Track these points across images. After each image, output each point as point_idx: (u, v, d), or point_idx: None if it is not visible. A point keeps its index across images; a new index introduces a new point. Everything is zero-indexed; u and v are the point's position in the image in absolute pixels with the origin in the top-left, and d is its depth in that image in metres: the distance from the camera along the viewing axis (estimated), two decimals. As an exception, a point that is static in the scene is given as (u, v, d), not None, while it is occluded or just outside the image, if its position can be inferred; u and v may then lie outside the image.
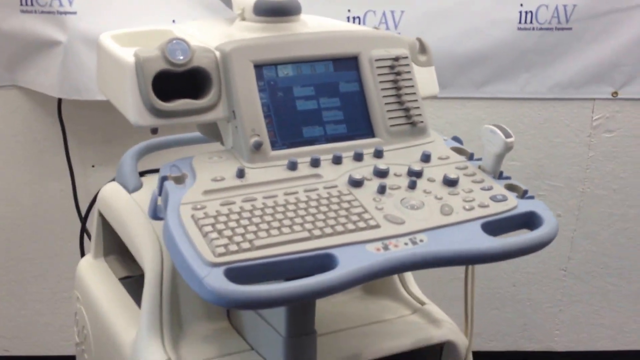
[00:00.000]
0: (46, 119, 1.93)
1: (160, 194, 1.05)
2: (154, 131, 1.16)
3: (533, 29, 2.02)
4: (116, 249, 1.49)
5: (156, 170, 1.43)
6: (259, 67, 1.13)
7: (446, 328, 1.28)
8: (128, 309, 1.31)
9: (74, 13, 1.82)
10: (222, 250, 0.92)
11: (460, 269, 1.26)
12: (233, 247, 0.92)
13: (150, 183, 1.38)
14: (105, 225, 1.46)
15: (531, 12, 2.01)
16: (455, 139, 1.25)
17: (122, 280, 1.42)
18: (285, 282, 0.89)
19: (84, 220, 1.55)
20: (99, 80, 1.28)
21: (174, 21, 1.85)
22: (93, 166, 2.01)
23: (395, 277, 1.37)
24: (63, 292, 2.08)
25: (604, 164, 2.16)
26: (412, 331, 1.27)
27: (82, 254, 1.56)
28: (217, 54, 1.12)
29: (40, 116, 1.93)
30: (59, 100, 1.88)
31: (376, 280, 1.33)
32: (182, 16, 1.86)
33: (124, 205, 1.34)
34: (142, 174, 1.41)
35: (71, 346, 2.09)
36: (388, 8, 1.94)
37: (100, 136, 1.98)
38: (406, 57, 1.23)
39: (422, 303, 1.34)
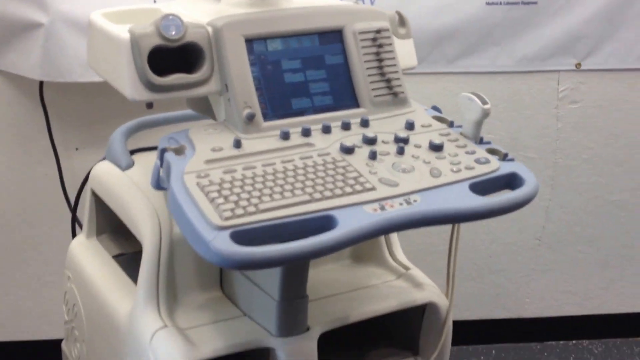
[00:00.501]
0: (28, 103, 1.94)
1: (161, 166, 1.09)
2: (149, 106, 1.19)
3: (500, 3, 2.08)
4: (108, 227, 1.52)
5: (145, 149, 1.48)
6: (249, 41, 1.17)
7: (429, 290, 1.35)
8: (122, 284, 1.35)
9: (56, -6, 1.83)
10: (228, 214, 0.96)
11: (440, 240, 1.33)
12: (239, 211, 0.97)
13: (141, 161, 1.42)
14: (98, 204, 1.49)
15: (498, -13, 2.08)
16: (435, 108, 1.31)
17: (116, 257, 1.45)
18: (290, 242, 0.94)
19: (76, 200, 1.58)
20: (91, 59, 1.31)
21: (154, 1, 1.87)
22: (77, 149, 2.02)
23: (382, 244, 1.42)
24: (47, 276, 2.10)
25: (572, 135, 2.25)
26: (397, 294, 1.33)
27: (74, 235, 1.58)
28: (209, 29, 1.16)
29: (22, 100, 1.94)
30: (41, 83, 1.89)
31: (364, 247, 1.41)
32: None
33: (119, 182, 1.37)
34: (131, 152, 1.44)
35: (55, 330, 2.12)
36: (360, -14, 1.99)
37: (84, 119, 2.00)
38: (387, 30, 1.28)
39: (407, 268, 1.40)
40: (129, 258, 1.45)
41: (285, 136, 1.14)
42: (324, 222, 0.99)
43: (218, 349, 1.16)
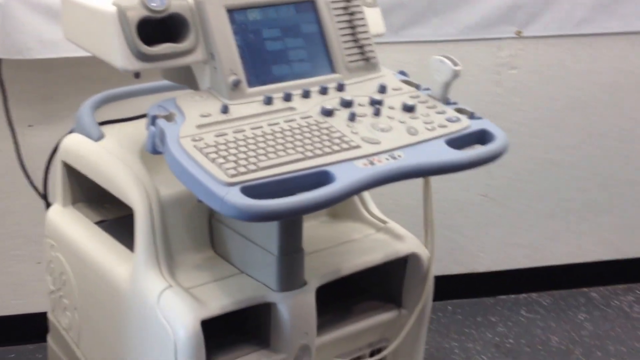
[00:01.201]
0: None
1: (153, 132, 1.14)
2: (137, 75, 1.24)
3: (444, -25, 2.18)
4: (82, 196, 1.56)
5: (111, 121, 1.52)
6: (230, 11, 1.23)
7: (410, 242, 1.43)
8: (113, 247, 1.39)
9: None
10: (233, 172, 1.03)
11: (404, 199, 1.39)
12: (242, 169, 1.03)
13: (110, 132, 1.46)
14: (71, 175, 1.52)
15: (440, -42, 2.17)
16: (402, 72, 1.39)
17: (98, 224, 1.49)
18: (296, 195, 1.01)
19: (45, 171, 1.60)
20: (69, 33, 1.34)
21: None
22: (30, 126, 2.03)
23: (357, 200, 1.50)
24: (13, 250, 2.11)
25: (511, 99, 2.37)
26: (381, 247, 1.41)
27: (47, 205, 1.61)
28: (191, 1, 1.21)
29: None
30: (-1, 61, 1.90)
31: (340, 204, 1.48)
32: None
33: (96, 152, 1.41)
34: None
35: (27, 305, 2.14)
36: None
37: (37, 96, 2.00)
38: (355, -1, 1.35)
39: (384, 222, 1.48)
40: (112, 224, 1.49)
41: (269, 101, 1.20)
42: (322, 177, 1.06)
43: (225, 306, 1.22)
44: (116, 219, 1.51)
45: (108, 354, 1.41)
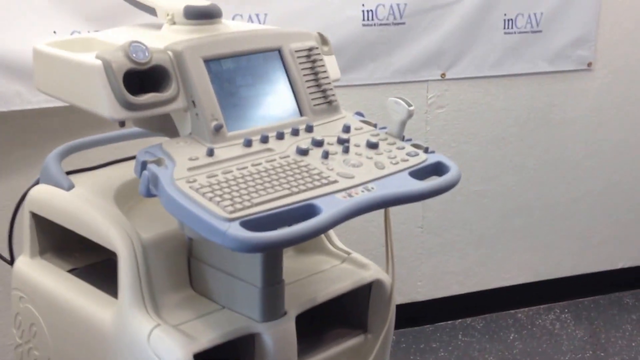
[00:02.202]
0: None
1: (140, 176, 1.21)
2: (122, 124, 1.31)
3: (374, 24, 2.34)
4: (49, 247, 1.59)
5: (75, 171, 1.57)
6: (206, 62, 1.32)
7: (373, 270, 1.54)
8: (91, 293, 1.43)
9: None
10: (231, 208, 1.11)
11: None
12: (238, 206, 1.12)
13: (79, 182, 1.51)
14: (39, 225, 1.56)
15: (372, 10, 2.33)
16: (359, 113, 1.51)
17: (70, 272, 1.53)
18: (290, 227, 1.10)
19: (11, 224, 1.63)
20: (42, 85, 1.40)
21: (55, 32, 1.96)
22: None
23: (321, 235, 1.60)
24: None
25: (439, 136, 2.53)
26: (348, 275, 1.51)
27: (12, 257, 1.63)
28: (170, 53, 1.29)
29: None
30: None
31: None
32: (63, 28, 1.97)
33: (72, 201, 1.46)
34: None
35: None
36: (253, 12, 2.17)
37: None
38: (317, 48, 1.46)
39: (348, 253, 1.58)
40: (84, 271, 1.53)
41: (248, 143, 1.30)
42: (309, 210, 1.16)
43: (213, 339, 1.28)
44: (88, 267, 1.56)
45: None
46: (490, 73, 2.54)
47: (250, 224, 1.10)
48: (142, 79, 1.28)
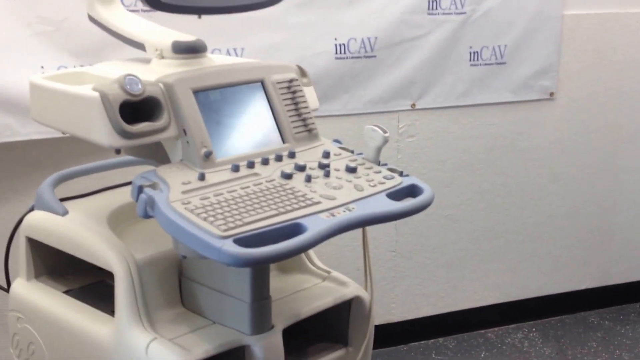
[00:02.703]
0: None
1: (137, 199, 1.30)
2: (118, 151, 1.40)
3: (347, 57, 2.46)
4: (44, 270, 1.67)
5: (66, 199, 1.65)
6: (195, 93, 1.42)
7: (353, 287, 1.63)
8: (87, 312, 1.51)
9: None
10: (224, 227, 1.20)
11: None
12: (231, 225, 1.21)
13: (72, 208, 1.60)
14: (35, 250, 1.63)
15: (344, 44, 2.45)
16: (337, 141, 1.61)
17: (65, 293, 1.60)
18: (278, 243, 1.20)
19: (7, 249, 1.70)
20: (38, 115, 1.49)
21: (42, 67, 2.05)
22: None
23: (302, 255, 1.69)
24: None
25: (410, 164, 2.65)
26: (329, 292, 1.60)
27: (8, 280, 1.70)
28: (161, 85, 1.39)
29: None
30: None
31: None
32: (50, 62, 2.07)
33: (68, 226, 1.54)
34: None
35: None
36: (231, 46, 2.28)
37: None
38: (297, 79, 1.57)
39: (328, 272, 1.68)
40: (79, 292, 1.60)
41: (236, 169, 1.39)
42: (296, 228, 1.25)
43: (207, 350, 1.36)
44: (81, 288, 1.63)
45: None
46: (458, 103, 2.67)
47: (243, 241, 1.19)
48: (136, 109, 1.37)
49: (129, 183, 1.81)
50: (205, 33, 1.61)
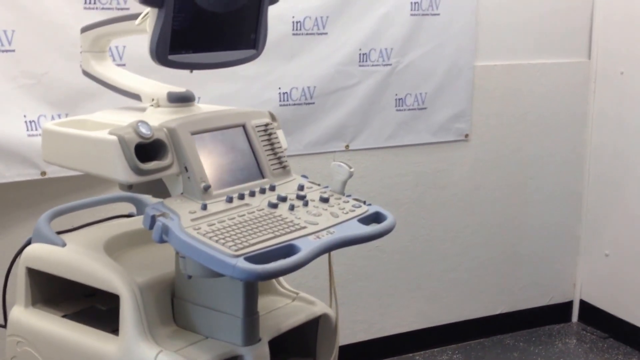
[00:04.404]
0: None
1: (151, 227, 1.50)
2: (130, 187, 1.60)
3: (289, 104, 2.72)
4: (40, 298, 1.82)
5: (59, 232, 1.82)
6: (193, 135, 1.64)
7: (320, 305, 1.86)
8: (89, 332, 1.68)
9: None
10: (235, 248, 1.42)
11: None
12: (240, 246, 1.43)
13: (69, 240, 1.77)
14: (33, 279, 1.79)
15: (287, 92, 2.72)
16: (304, 176, 1.85)
17: (64, 317, 1.76)
18: (279, 261, 1.42)
19: (5, 280, 1.85)
20: (50, 157, 1.68)
21: (25, 116, 2.22)
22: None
23: (273, 280, 1.91)
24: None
25: (345, 200, 2.91)
26: (301, 310, 1.82)
27: (5, 310, 1.84)
28: (165, 129, 1.60)
29: None
30: None
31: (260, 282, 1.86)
32: (32, 112, 2.25)
33: (70, 255, 1.72)
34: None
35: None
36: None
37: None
38: (271, 123, 1.81)
39: (297, 293, 1.90)
40: (77, 316, 1.76)
41: (230, 200, 1.61)
42: (291, 249, 1.49)
43: (209, 359, 1.56)
44: (76, 313, 1.79)
45: None
46: (386, 144, 2.97)
47: (252, 259, 1.42)
48: (143, 150, 1.58)
49: (115, 217, 2.01)
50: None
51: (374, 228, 1.66)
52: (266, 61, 2.60)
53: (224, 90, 2.55)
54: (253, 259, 1.43)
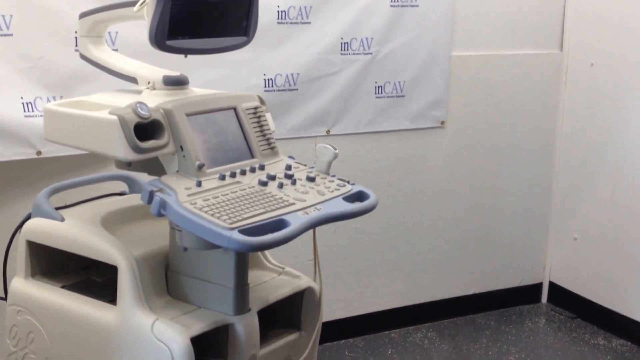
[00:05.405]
0: None
1: (150, 201, 1.60)
2: (129, 164, 1.69)
3: (274, 90, 2.82)
4: (39, 270, 1.92)
5: (58, 208, 1.92)
6: (188, 116, 1.74)
7: (305, 279, 1.97)
8: (87, 302, 1.77)
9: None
10: (229, 221, 1.53)
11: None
12: (234, 219, 1.54)
13: (67, 215, 1.87)
14: (33, 251, 1.88)
15: (271, 79, 2.82)
16: (291, 157, 1.96)
17: (63, 287, 1.86)
18: (271, 233, 1.53)
19: (6, 252, 1.94)
20: (52, 135, 1.77)
21: (21, 97, 2.31)
22: None
23: (259, 255, 2.01)
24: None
25: (326, 183, 3.03)
26: (287, 284, 1.93)
27: (5, 281, 1.94)
28: (162, 110, 1.70)
29: None
30: None
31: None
32: (28, 94, 2.33)
33: (69, 229, 1.81)
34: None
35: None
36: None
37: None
38: (260, 107, 1.91)
39: (282, 268, 2.01)
40: (75, 287, 1.86)
41: (223, 178, 1.72)
42: (281, 223, 1.59)
43: (202, 327, 1.67)
44: (76, 283, 1.89)
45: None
46: (365, 130, 3.09)
47: (245, 232, 1.52)
48: (141, 130, 1.67)
49: (108, 195, 2.11)
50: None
51: (357, 205, 1.77)
52: (252, 48, 2.68)
53: (212, 76, 2.65)
54: (246, 231, 1.53)
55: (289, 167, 1.85)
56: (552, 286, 3.69)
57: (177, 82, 1.84)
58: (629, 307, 3.30)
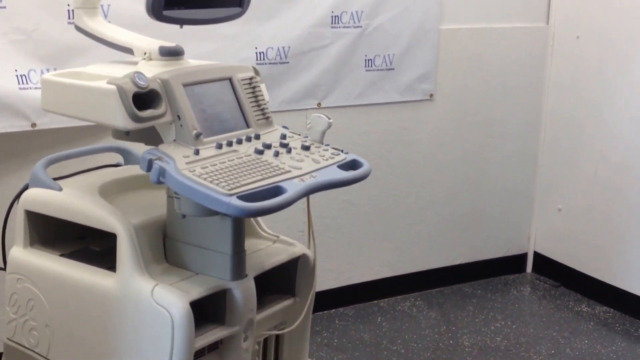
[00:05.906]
0: None
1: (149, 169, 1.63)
2: (128, 133, 1.72)
3: (265, 63, 2.85)
4: (37, 239, 1.95)
5: (56, 178, 1.95)
6: (185, 86, 1.77)
7: (299, 247, 2.02)
8: (87, 269, 1.81)
9: None
10: (228, 187, 1.56)
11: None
12: (232, 185, 1.57)
13: (64, 185, 1.90)
14: (31, 221, 1.92)
15: (263, 52, 2.85)
16: (285, 127, 2.00)
17: (61, 256, 1.89)
18: (269, 200, 1.57)
19: (5, 222, 1.97)
20: (49, 105, 1.79)
21: (15, 70, 2.32)
22: None
23: (254, 223, 2.06)
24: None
25: (317, 155, 3.06)
26: (282, 251, 1.98)
27: (3, 249, 1.97)
28: (159, 80, 1.73)
29: None
30: None
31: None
32: (22, 66, 2.35)
33: (67, 199, 1.84)
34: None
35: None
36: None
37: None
38: (255, 77, 1.95)
39: (277, 236, 2.05)
40: (74, 255, 1.90)
41: (220, 146, 1.75)
42: (278, 190, 1.63)
43: (201, 291, 1.71)
44: (74, 252, 1.93)
45: (89, 352, 1.80)
46: (355, 102, 3.13)
47: (243, 198, 1.56)
48: (139, 99, 1.70)
49: (103, 166, 2.14)
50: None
51: (351, 173, 1.82)
52: (244, 21, 2.71)
53: (204, 49, 2.67)
54: (244, 198, 1.57)
55: (283, 137, 1.89)
56: (537, 256, 3.76)
57: (173, 53, 1.86)
58: (611, 275, 3.38)
